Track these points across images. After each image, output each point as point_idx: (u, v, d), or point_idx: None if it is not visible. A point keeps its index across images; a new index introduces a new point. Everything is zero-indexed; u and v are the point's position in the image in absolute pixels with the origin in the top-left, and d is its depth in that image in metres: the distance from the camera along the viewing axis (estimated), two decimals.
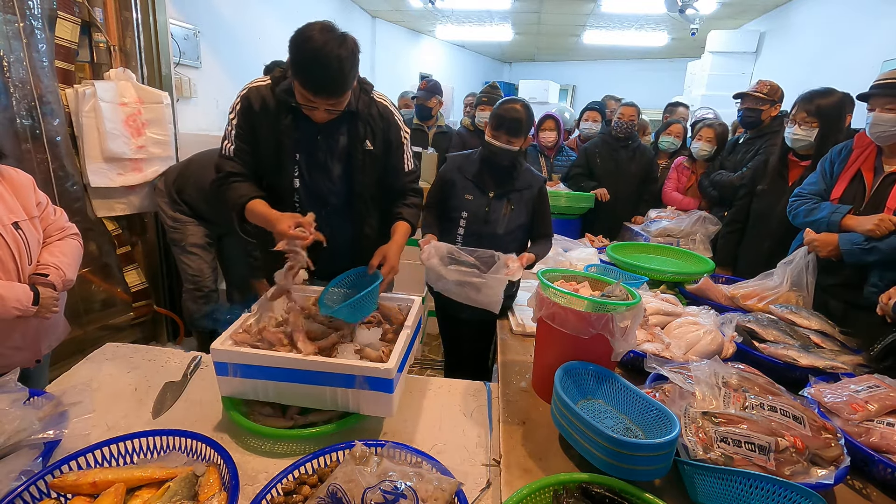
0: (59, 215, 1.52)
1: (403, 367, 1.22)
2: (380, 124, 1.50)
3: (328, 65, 1.21)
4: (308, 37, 1.21)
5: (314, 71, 1.23)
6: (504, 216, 1.83)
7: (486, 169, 1.85)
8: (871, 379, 1.19)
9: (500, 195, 1.84)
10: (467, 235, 1.87)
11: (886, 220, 1.55)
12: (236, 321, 1.27)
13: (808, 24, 4.79)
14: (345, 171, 1.50)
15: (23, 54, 2.05)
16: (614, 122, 3.21)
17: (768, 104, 2.72)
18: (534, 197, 1.86)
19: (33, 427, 0.99)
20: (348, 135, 1.47)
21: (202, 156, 2.58)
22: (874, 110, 1.63)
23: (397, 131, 1.54)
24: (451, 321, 2.14)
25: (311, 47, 1.20)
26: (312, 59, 1.21)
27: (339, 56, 1.21)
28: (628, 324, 1.09)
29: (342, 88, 1.29)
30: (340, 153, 1.48)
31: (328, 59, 1.20)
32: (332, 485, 0.85)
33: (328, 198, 1.52)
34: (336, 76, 1.24)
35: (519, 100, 1.77)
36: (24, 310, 1.27)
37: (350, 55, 1.24)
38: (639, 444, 0.90)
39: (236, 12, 4.03)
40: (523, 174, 1.86)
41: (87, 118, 2.32)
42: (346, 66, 1.24)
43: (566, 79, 9.62)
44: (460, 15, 6.78)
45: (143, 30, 2.58)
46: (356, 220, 1.57)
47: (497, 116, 1.74)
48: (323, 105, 1.30)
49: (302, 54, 1.22)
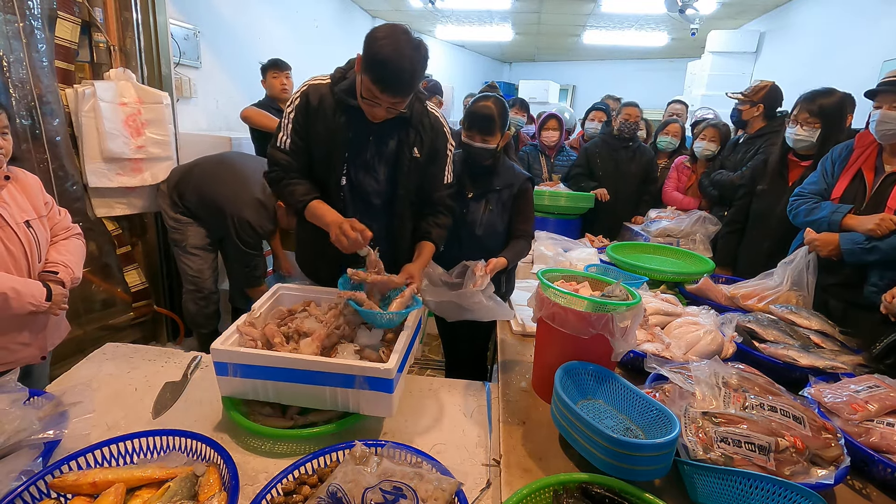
0: (64, 215, 1.57)
1: (403, 368, 1.22)
2: (430, 134, 1.54)
3: (402, 65, 1.26)
4: (387, 34, 1.26)
5: (389, 68, 1.27)
6: (482, 216, 1.80)
7: (465, 169, 1.81)
8: (871, 379, 1.19)
9: (478, 196, 1.80)
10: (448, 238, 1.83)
11: (887, 220, 1.55)
12: (236, 321, 1.27)
13: (808, 24, 4.79)
14: (390, 174, 1.54)
15: (23, 54, 2.05)
16: (621, 123, 3.20)
17: (748, 104, 2.74)
18: (514, 195, 1.81)
19: (33, 427, 0.99)
20: (398, 140, 1.50)
21: (207, 161, 2.58)
22: (881, 108, 1.62)
23: (444, 142, 1.57)
24: (447, 321, 2.13)
25: (390, 45, 1.25)
26: (390, 56, 1.25)
27: (414, 58, 1.27)
28: (628, 324, 1.09)
29: (410, 89, 1.34)
30: (388, 157, 1.52)
31: (404, 60, 1.26)
32: (332, 485, 0.85)
33: (371, 198, 1.55)
34: (408, 77, 1.29)
35: (491, 96, 1.73)
36: (38, 305, 1.32)
37: (422, 59, 1.30)
38: (639, 444, 0.90)
39: (236, 12, 4.03)
40: (503, 173, 1.81)
41: (87, 118, 2.32)
42: (419, 70, 1.30)
43: (566, 79, 9.62)
44: (460, 15, 6.78)
45: (143, 30, 2.58)
46: (394, 222, 1.60)
47: (468, 115, 1.72)
48: (386, 103, 1.33)
49: (380, 51, 1.26)
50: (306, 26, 4.99)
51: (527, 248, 1.86)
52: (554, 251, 2.44)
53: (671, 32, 6.89)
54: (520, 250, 1.81)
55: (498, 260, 1.67)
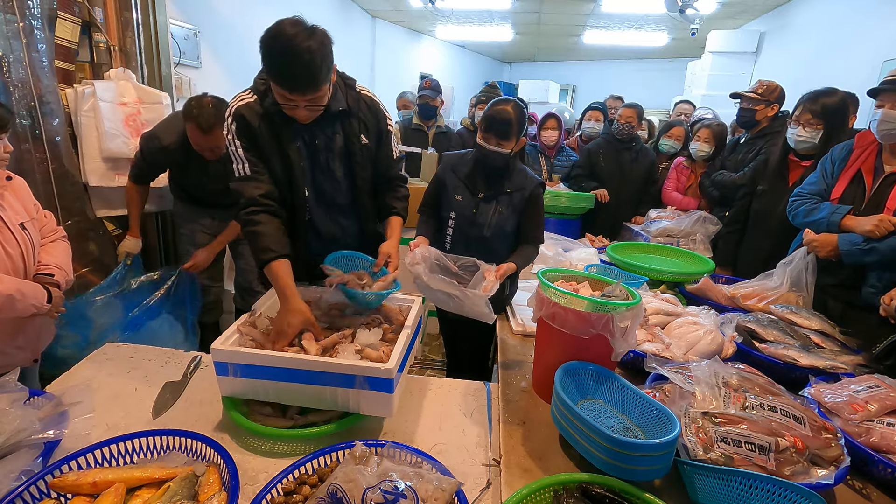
0: (49, 217, 1.57)
1: (403, 367, 1.22)
2: (370, 117, 1.50)
3: (298, 58, 1.18)
4: (276, 32, 1.20)
5: (286, 66, 1.22)
6: (492, 219, 1.78)
7: (478, 170, 1.81)
8: (872, 379, 1.19)
9: (488, 197, 1.79)
10: (455, 237, 1.85)
11: (886, 221, 1.55)
12: (236, 321, 1.27)
13: (808, 24, 4.79)
14: (346, 169, 1.52)
15: (23, 54, 2.05)
16: (615, 125, 3.21)
17: (763, 104, 2.72)
18: (525, 199, 1.79)
19: (33, 427, 0.99)
20: (343, 133, 1.47)
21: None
22: (883, 107, 1.61)
23: (384, 120, 1.55)
24: (448, 320, 2.12)
25: (280, 42, 1.19)
26: (283, 54, 1.20)
27: (310, 48, 1.18)
28: (628, 324, 1.09)
29: (316, 81, 1.25)
30: (339, 152, 1.49)
31: (298, 52, 1.18)
32: (332, 485, 0.85)
33: (335, 198, 1.54)
34: (308, 69, 1.21)
35: (511, 100, 1.71)
36: (41, 308, 1.32)
37: (320, 46, 1.21)
38: (639, 444, 0.90)
39: (236, 12, 4.03)
40: (516, 176, 1.80)
41: (86, 117, 2.31)
42: (318, 59, 1.21)
43: (566, 79, 9.63)
44: (460, 15, 6.78)
45: (143, 30, 2.58)
46: (360, 216, 1.60)
47: (487, 118, 1.70)
48: (302, 102, 1.28)
49: (272, 51, 1.21)
50: None
51: (535, 254, 1.84)
52: (554, 251, 2.44)
53: (671, 32, 6.89)
54: (528, 256, 1.81)
55: (508, 265, 1.64)
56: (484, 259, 1.62)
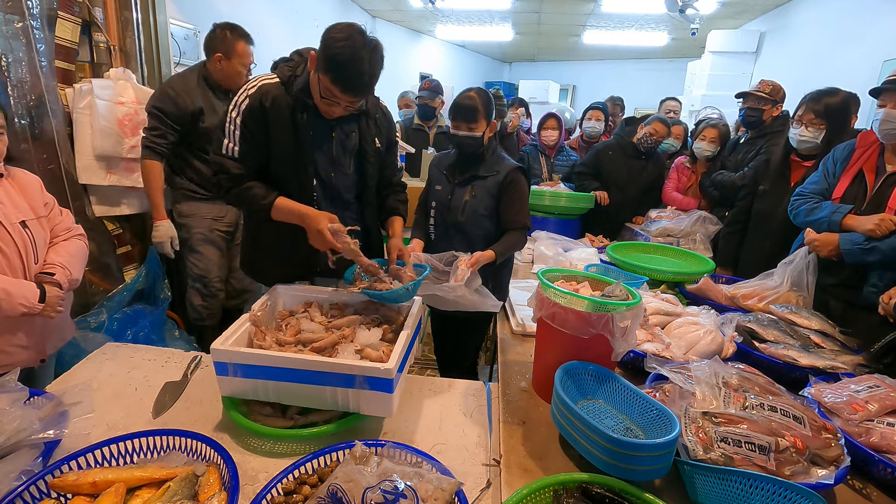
0: (66, 216, 1.55)
1: (403, 367, 1.22)
2: (385, 124, 1.61)
3: (362, 67, 1.28)
4: (346, 36, 1.27)
5: (352, 69, 1.28)
6: (465, 203, 1.82)
7: (458, 161, 1.90)
8: (872, 379, 1.19)
9: (462, 182, 1.85)
10: (437, 225, 1.92)
11: (887, 221, 1.55)
12: (236, 321, 1.27)
13: (809, 24, 4.79)
14: (357, 167, 1.58)
15: (23, 54, 2.05)
16: (644, 135, 3.09)
17: (770, 104, 2.71)
18: (500, 183, 1.80)
19: (33, 427, 0.99)
20: (359, 132, 1.54)
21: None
22: (885, 106, 1.61)
23: (394, 131, 1.66)
24: (437, 316, 2.13)
25: (349, 47, 1.26)
26: (352, 58, 1.27)
27: (372, 59, 1.29)
28: (628, 324, 1.09)
29: (368, 89, 1.36)
30: (352, 150, 1.56)
31: (363, 62, 1.27)
32: (332, 485, 0.85)
33: (343, 193, 1.59)
34: (367, 78, 1.31)
35: (473, 88, 1.81)
36: (31, 307, 1.29)
37: (380, 60, 1.33)
38: (639, 444, 0.90)
39: (236, 12, 4.03)
40: (490, 161, 1.84)
41: (82, 114, 2.30)
42: (377, 70, 1.33)
43: (566, 79, 9.63)
44: (460, 15, 6.78)
45: (143, 30, 2.58)
46: (366, 212, 1.66)
47: (453, 107, 1.80)
48: (345, 102, 1.36)
49: (342, 53, 1.26)
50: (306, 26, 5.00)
51: (521, 241, 1.84)
52: (554, 251, 2.44)
53: (671, 32, 6.89)
54: (512, 243, 1.80)
55: (483, 253, 1.67)
56: (462, 246, 1.68)
